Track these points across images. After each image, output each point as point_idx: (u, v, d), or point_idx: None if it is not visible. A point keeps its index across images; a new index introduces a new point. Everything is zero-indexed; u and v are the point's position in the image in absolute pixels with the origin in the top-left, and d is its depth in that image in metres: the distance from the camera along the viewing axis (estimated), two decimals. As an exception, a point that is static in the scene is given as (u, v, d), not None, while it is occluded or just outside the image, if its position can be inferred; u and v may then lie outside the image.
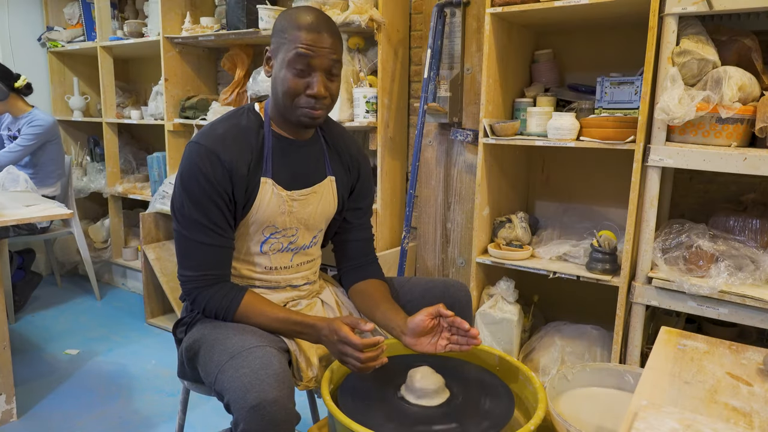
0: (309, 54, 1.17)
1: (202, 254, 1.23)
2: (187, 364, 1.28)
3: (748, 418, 0.86)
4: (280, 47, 1.21)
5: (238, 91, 2.88)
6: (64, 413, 2.07)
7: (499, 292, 2.04)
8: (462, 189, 2.48)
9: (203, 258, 1.24)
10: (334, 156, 1.39)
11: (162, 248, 2.90)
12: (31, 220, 1.96)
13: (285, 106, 1.23)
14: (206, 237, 1.22)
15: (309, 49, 1.17)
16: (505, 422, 1.07)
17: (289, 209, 1.29)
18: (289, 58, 1.18)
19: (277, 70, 1.22)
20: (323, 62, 1.19)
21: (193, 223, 1.21)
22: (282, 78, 1.21)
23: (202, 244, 1.23)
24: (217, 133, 1.23)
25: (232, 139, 1.23)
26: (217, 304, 1.24)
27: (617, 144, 1.71)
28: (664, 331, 1.18)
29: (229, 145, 1.22)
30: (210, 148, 1.20)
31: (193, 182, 1.20)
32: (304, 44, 1.17)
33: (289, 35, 1.19)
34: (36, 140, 2.90)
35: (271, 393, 1.00)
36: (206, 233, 1.22)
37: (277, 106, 1.27)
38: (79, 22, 3.56)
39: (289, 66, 1.19)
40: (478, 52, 2.30)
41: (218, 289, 1.25)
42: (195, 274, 1.24)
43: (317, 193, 1.34)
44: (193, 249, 1.23)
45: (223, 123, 1.26)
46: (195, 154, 1.21)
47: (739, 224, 1.68)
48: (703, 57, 1.55)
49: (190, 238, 1.23)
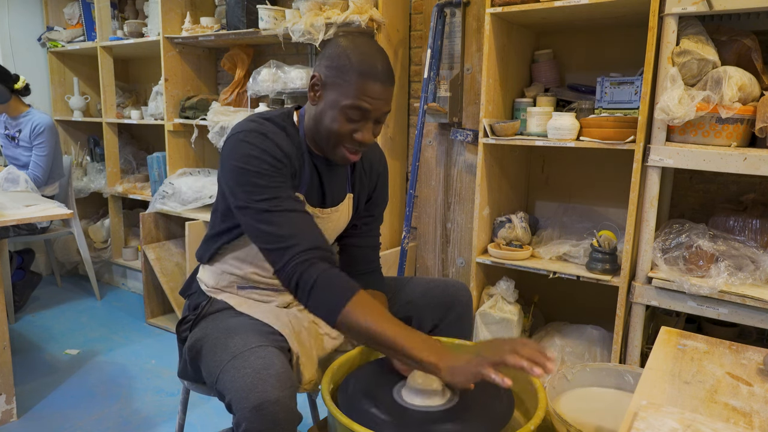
0: (369, 109, 1.15)
1: (291, 223, 1.11)
2: (189, 364, 1.27)
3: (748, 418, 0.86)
4: (336, 86, 1.15)
5: (238, 91, 2.88)
6: (64, 413, 2.07)
7: (499, 292, 2.04)
8: (462, 189, 2.48)
9: (295, 227, 1.11)
10: (358, 170, 1.37)
11: (162, 248, 2.90)
12: (31, 220, 1.96)
13: (326, 142, 1.20)
14: (289, 204, 1.12)
15: (370, 103, 1.14)
16: (505, 422, 1.07)
17: None
18: (346, 105, 1.14)
19: (326, 106, 1.17)
20: (377, 113, 1.17)
21: (267, 198, 1.11)
22: (331, 118, 1.16)
23: (286, 211, 1.11)
24: (267, 127, 1.18)
25: (282, 138, 1.19)
26: (330, 287, 1.07)
27: (617, 144, 1.71)
28: (664, 331, 1.18)
29: (282, 141, 1.18)
30: (261, 131, 1.15)
31: (253, 160, 1.12)
32: (367, 98, 1.13)
33: (351, 80, 1.13)
34: (50, 143, 2.92)
35: (273, 393, 1.00)
36: (289, 200, 1.12)
37: (315, 134, 1.22)
38: (79, 22, 3.56)
39: (342, 110, 1.15)
40: (478, 52, 2.30)
41: (329, 268, 1.09)
42: (289, 244, 1.08)
43: (338, 212, 1.34)
44: (279, 220, 1.10)
45: (265, 123, 1.20)
46: (246, 135, 1.14)
47: (739, 224, 1.68)
48: (703, 57, 1.55)
49: (272, 211, 1.10)
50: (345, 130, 1.16)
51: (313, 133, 1.23)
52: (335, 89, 1.15)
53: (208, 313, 1.31)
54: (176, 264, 2.90)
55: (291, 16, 2.41)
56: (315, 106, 1.20)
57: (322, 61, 1.18)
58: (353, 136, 1.17)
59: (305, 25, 2.29)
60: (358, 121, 1.16)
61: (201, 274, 1.40)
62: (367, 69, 1.13)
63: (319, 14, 2.33)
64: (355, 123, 1.16)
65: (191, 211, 2.73)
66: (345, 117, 1.15)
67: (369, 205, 1.43)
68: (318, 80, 1.18)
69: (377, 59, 1.15)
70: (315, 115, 1.21)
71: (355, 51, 1.15)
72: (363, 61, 1.13)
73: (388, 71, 1.16)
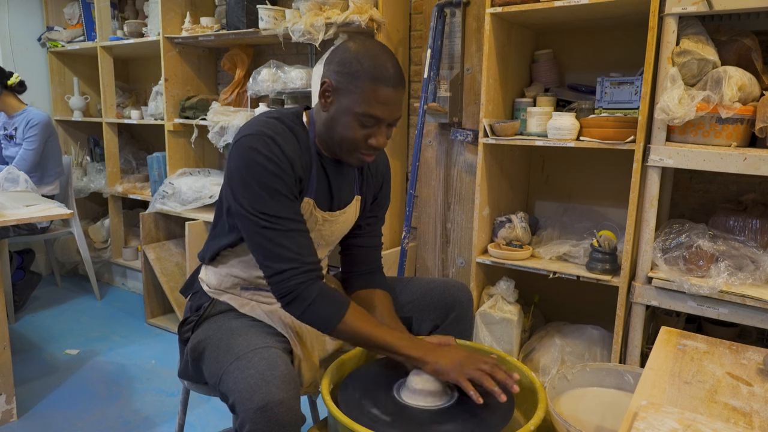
0: (382, 116, 1.14)
1: (291, 242, 1.14)
2: (191, 365, 1.27)
3: (748, 418, 0.86)
4: (348, 92, 1.14)
5: (238, 91, 2.88)
6: (64, 413, 2.07)
7: (499, 292, 2.04)
8: (462, 189, 2.47)
9: (295, 246, 1.14)
10: (365, 172, 1.37)
11: (162, 248, 2.90)
12: (31, 220, 1.96)
13: (340, 148, 1.19)
14: (290, 223, 1.14)
15: (383, 110, 1.13)
16: (505, 422, 1.07)
17: (318, 228, 1.29)
18: (360, 111, 1.13)
19: (339, 113, 1.16)
20: (391, 118, 1.16)
21: (270, 214, 1.13)
22: (345, 124, 1.16)
23: (288, 231, 1.13)
24: (276, 128, 1.17)
25: (290, 141, 1.18)
26: (327, 302, 1.15)
27: (617, 144, 1.71)
28: (664, 331, 1.18)
29: (289, 146, 1.17)
30: (270, 136, 1.14)
31: (259, 169, 1.12)
32: (380, 105, 1.13)
33: (364, 86, 1.12)
34: (40, 139, 2.90)
35: (277, 394, 1.00)
36: (289, 221, 1.14)
37: (328, 139, 1.22)
38: (79, 22, 3.56)
39: (356, 117, 1.14)
40: (478, 52, 2.30)
41: (325, 286, 1.16)
42: (290, 266, 1.12)
43: (346, 214, 1.33)
44: (282, 239, 1.13)
45: (275, 123, 1.19)
46: (255, 141, 1.13)
47: (739, 224, 1.68)
48: (703, 57, 1.55)
49: (275, 229, 1.13)
50: (359, 136, 1.16)
51: (325, 138, 1.22)
52: (347, 95, 1.14)
53: (211, 314, 1.31)
54: (176, 264, 2.90)
55: (291, 16, 2.41)
56: (326, 112, 1.19)
57: (332, 67, 1.16)
58: (368, 141, 1.17)
59: (305, 25, 2.30)
60: (371, 126, 1.16)
61: (203, 274, 1.40)
62: (379, 74, 1.12)
63: (319, 14, 2.33)
64: (368, 129, 1.16)
65: (191, 211, 2.73)
66: (359, 123, 1.15)
67: (373, 206, 1.43)
68: (329, 86, 1.16)
69: (388, 63, 1.14)
70: (327, 120, 1.19)
71: (365, 56, 1.14)
72: (374, 66, 1.12)
73: (399, 74, 1.16)
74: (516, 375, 1.11)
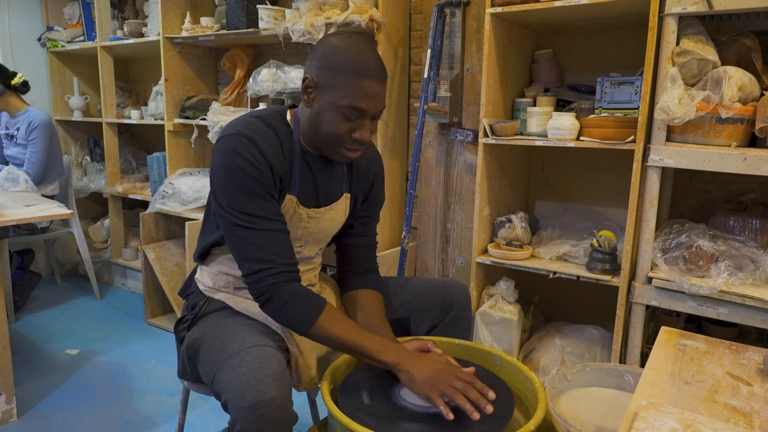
0: (366, 108, 1.14)
1: (267, 242, 1.14)
2: (187, 363, 1.27)
3: (748, 418, 0.86)
4: (330, 87, 1.14)
5: (238, 91, 2.88)
6: (64, 413, 2.07)
7: (499, 292, 2.04)
8: (462, 189, 2.48)
9: (270, 246, 1.15)
10: (354, 170, 1.37)
11: (162, 248, 2.90)
12: (31, 220, 1.96)
13: (325, 144, 1.19)
14: (266, 223, 1.15)
15: (366, 102, 1.13)
16: (505, 422, 1.07)
17: (304, 225, 1.29)
18: (343, 105, 1.13)
19: (322, 108, 1.16)
20: (374, 111, 1.16)
21: (247, 213, 1.14)
22: (329, 120, 1.15)
23: (264, 231, 1.14)
24: (256, 128, 1.17)
25: (270, 141, 1.18)
26: (301, 304, 1.15)
27: (617, 144, 1.71)
28: (664, 331, 1.18)
29: (269, 146, 1.17)
30: (249, 137, 1.14)
31: (237, 170, 1.13)
32: (363, 97, 1.13)
33: (345, 80, 1.12)
34: (44, 138, 2.90)
35: (268, 392, 1.00)
36: (265, 220, 1.15)
37: (313, 136, 1.21)
38: (79, 22, 3.56)
39: (339, 111, 1.14)
40: (478, 52, 2.30)
41: (299, 287, 1.17)
42: (265, 266, 1.13)
43: (333, 211, 1.33)
44: (256, 239, 1.14)
45: (256, 123, 1.19)
46: (235, 142, 1.14)
47: (739, 224, 1.68)
48: (703, 57, 1.55)
49: (250, 228, 1.14)
50: (343, 130, 1.16)
51: (310, 135, 1.22)
52: (330, 90, 1.14)
53: (206, 312, 1.31)
54: (176, 264, 2.90)
55: (291, 16, 2.41)
56: (310, 109, 1.19)
57: (313, 62, 1.16)
58: (352, 135, 1.17)
59: (305, 25, 2.30)
60: (355, 120, 1.16)
61: (199, 274, 1.41)
62: (361, 67, 1.12)
63: (319, 14, 2.33)
64: (352, 122, 1.16)
65: (191, 211, 2.73)
66: (343, 117, 1.15)
67: (365, 205, 1.42)
68: (311, 82, 1.16)
69: (369, 56, 1.14)
70: (310, 117, 1.19)
71: (346, 50, 1.14)
72: (356, 60, 1.13)
73: (381, 67, 1.16)
74: (491, 394, 1.08)
